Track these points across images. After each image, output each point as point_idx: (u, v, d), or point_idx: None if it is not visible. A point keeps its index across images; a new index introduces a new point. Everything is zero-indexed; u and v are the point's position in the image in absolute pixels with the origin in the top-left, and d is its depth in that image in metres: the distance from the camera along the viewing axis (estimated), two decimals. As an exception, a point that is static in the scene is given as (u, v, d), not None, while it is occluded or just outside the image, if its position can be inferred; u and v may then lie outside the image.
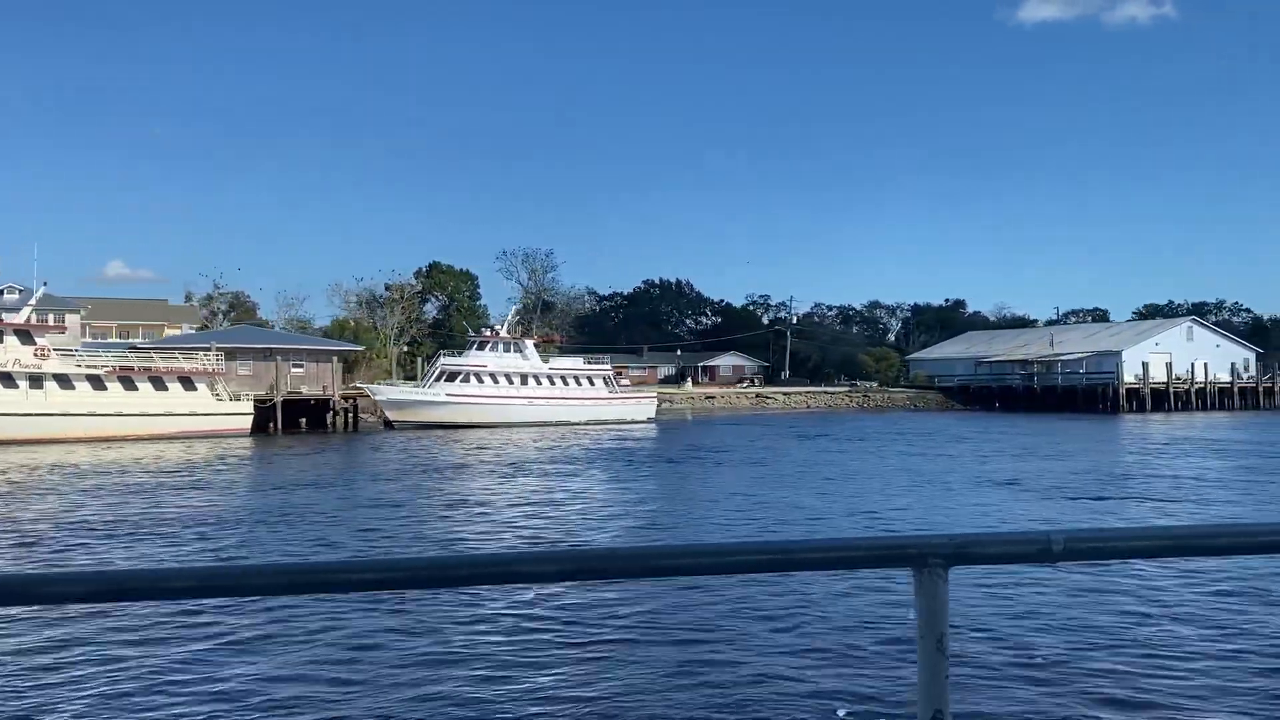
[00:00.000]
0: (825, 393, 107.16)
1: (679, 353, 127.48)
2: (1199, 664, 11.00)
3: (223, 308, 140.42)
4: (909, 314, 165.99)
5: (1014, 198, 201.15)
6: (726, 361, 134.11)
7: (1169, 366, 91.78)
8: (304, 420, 63.41)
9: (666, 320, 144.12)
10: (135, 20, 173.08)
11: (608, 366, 72.60)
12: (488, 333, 68.37)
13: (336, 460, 41.80)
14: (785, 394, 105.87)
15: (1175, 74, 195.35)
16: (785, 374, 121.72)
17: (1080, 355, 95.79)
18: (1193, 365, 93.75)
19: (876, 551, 2.00)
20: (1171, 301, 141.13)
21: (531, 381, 65.85)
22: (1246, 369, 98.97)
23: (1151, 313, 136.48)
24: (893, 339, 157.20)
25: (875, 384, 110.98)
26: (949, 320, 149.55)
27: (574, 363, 71.27)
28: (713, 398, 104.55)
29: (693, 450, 45.77)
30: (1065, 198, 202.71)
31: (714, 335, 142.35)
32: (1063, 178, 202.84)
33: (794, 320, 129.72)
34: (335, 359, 63.82)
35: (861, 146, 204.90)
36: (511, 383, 65.06)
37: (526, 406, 64.67)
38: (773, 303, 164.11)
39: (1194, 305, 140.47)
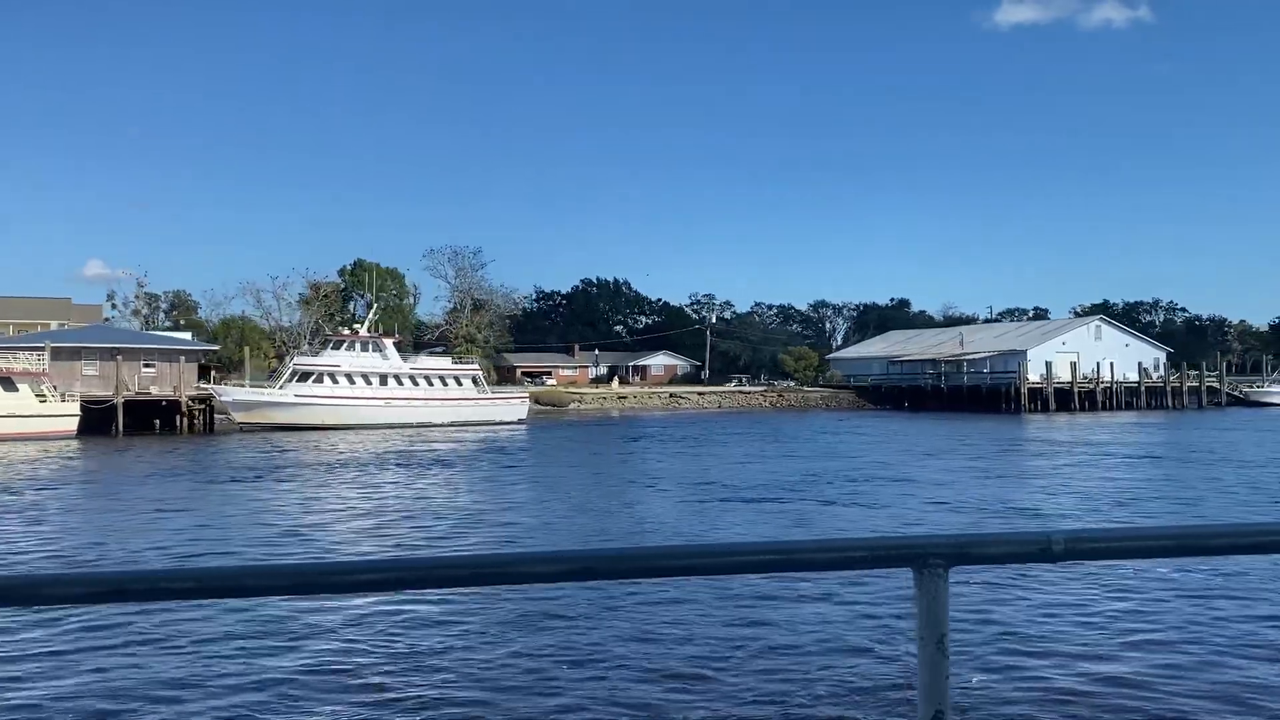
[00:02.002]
0: (741, 392, 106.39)
1: (597, 353, 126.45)
2: (1199, 664, 11.02)
3: (164, 307, 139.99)
4: (855, 313, 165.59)
5: (969, 197, 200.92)
6: (658, 361, 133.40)
7: (1073, 366, 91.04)
8: (158, 422, 62.50)
9: (603, 320, 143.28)
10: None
11: (475, 367, 71.61)
12: (346, 332, 67.45)
13: (143, 463, 40.72)
14: (700, 394, 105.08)
15: (1143, 75, 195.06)
16: (705, 374, 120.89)
17: (985, 355, 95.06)
18: (1098, 365, 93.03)
19: (877, 551, 1.99)
20: (1107, 300, 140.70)
21: (391, 382, 64.89)
22: (1157, 369, 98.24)
23: (1087, 312, 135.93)
24: (840, 338, 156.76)
25: (794, 383, 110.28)
26: (891, 320, 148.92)
27: (441, 363, 70.34)
28: (624, 397, 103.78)
29: (521, 457, 44.96)
30: (1018, 197, 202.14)
31: (652, 335, 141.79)
32: (1017, 178, 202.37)
33: (714, 320, 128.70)
34: (183, 359, 62.78)
35: (819, 147, 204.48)
36: (369, 383, 64.11)
37: (383, 408, 63.73)
38: (717, 302, 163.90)
39: (1129, 305, 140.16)
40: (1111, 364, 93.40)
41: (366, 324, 68.48)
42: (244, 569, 1.94)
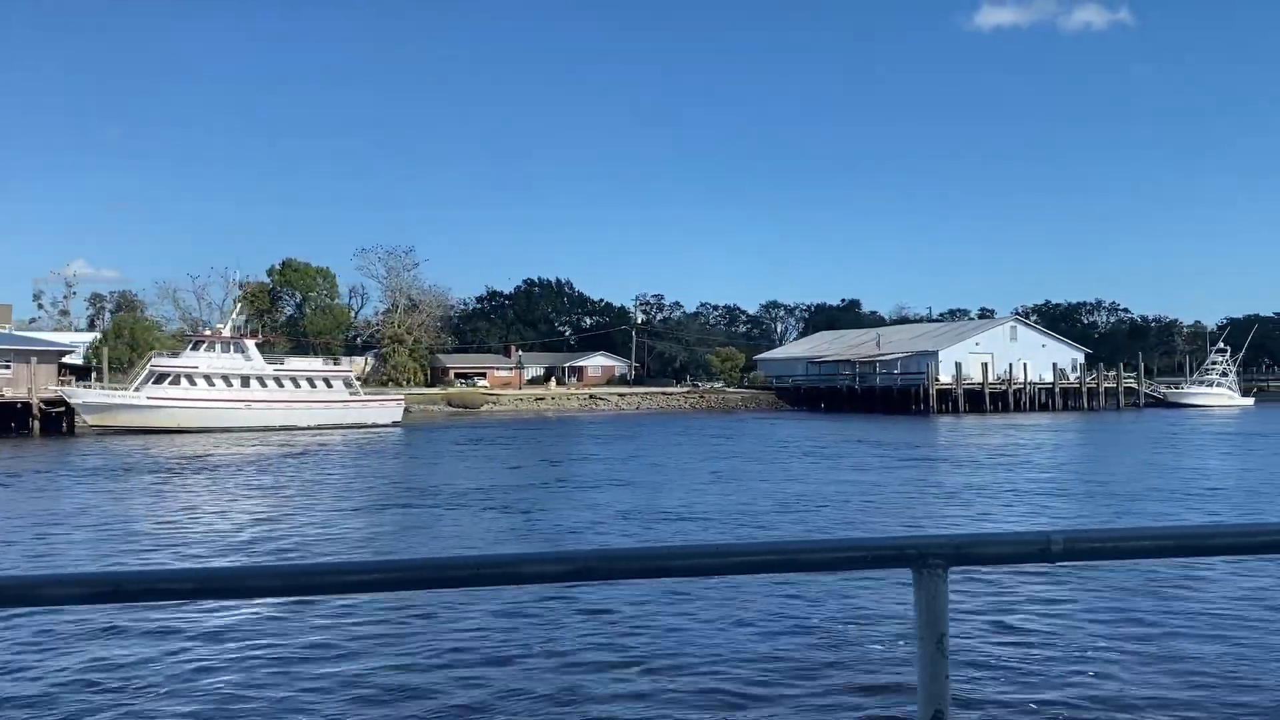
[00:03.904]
0: (663, 393, 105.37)
1: (520, 354, 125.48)
2: (1197, 664, 11.02)
3: (109, 308, 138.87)
4: (807, 314, 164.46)
5: (927, 198, 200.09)
6: (595, 362, 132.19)
7: (985, 367, 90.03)
8: (13, 424, 61.40)
9: (545, 320, 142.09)
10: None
11: (348, 369, 70.41)
12: (208, 332, 66.29)
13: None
14: (620, 395, 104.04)
15: (1122, 77, 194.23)
16: (631, 375, 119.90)
17: (898, 355, 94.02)
18: (1010, 366, 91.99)
19: (876, 552, 2.00)
20: (1049, 301, 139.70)
21: (254, 384, 63.73)
22: (1075, 370, 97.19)
23: (1028, 313, 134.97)
24: (792, 339, 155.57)
25: (719, 384, 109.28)
26: (839, 320, 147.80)
27: (312, 364, 69.17)
28: (542, 399, 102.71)
29: (356, 461, 43.88)
30: (975, 198, 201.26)
31: (591, 335, 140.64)
32: (976, 178, 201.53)
33: (646, 319, 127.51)
34: (34, 359, 61.63)
35: (780, 147, 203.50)
36: (230, 385, 62.94)
37: (245, 410, 62.58)
38: (666, 303, 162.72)
39: (1072, 305, 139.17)
40: (1025, 365, 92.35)
41: (229, 324, 67.27)
42: (244, 569, 1.93)
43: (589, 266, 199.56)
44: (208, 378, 62.13)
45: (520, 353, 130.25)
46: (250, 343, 64.96)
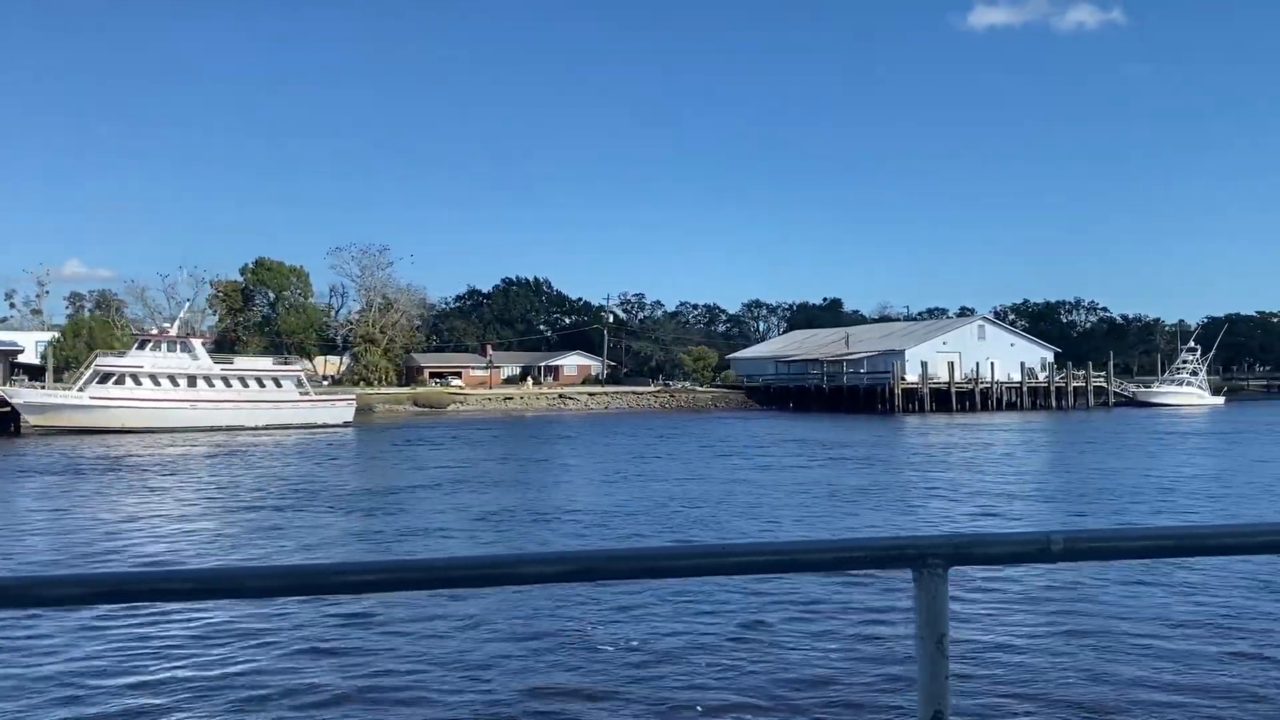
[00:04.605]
0: (633, 393, 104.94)
1: (491, 353, 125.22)
2: (1196, 663, 11.03)
3: (89, 306, 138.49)
4: (789, 313, 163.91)
5: (914, 198, 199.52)
6: (571, 361, 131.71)
7: (951, 366, 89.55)
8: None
9: (522, 319, 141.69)
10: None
11: (298, 368, 69.97)
12: (155, 331, 65.90)
13: None
14: (590, 394, 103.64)
15: (1114, 77, 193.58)
16: (603, 374, 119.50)
17: (864, 355, 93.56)
18: (978, 365, 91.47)
19: (876, 552, 2.00)
20: (1027, 300, 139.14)
21: (201, 383, 63.37)
22: (1044, 369, 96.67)
23: (1006, 311, 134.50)
24: (775, 338, 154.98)
25: (690, 383, 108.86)
26: (820, 319, 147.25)
27: (261, 364, 68.77)
28: (510, 399, 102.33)
29: (284, 461, 43.50)
30: (963, 198, 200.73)
31: (569, 333, 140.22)
32: (966, 178, 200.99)
33: (617, 318, 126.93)
34: (-23, 360, 61.31)
35: (780, 145, 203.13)
36: (177, 385, 62.55)
37: (190, 410, 62.22)
38: (647, 302, 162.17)
39: (1051, 304, 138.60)
40: (993, 364, 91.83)
41: (177, 323, 66.90)
42: (244, 570, 1.91)
43: (582, 266, 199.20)
44: (153, 377, 61.75)
45: (495, 352, 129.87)
46: (197, 342, 64.58)
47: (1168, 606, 13.54)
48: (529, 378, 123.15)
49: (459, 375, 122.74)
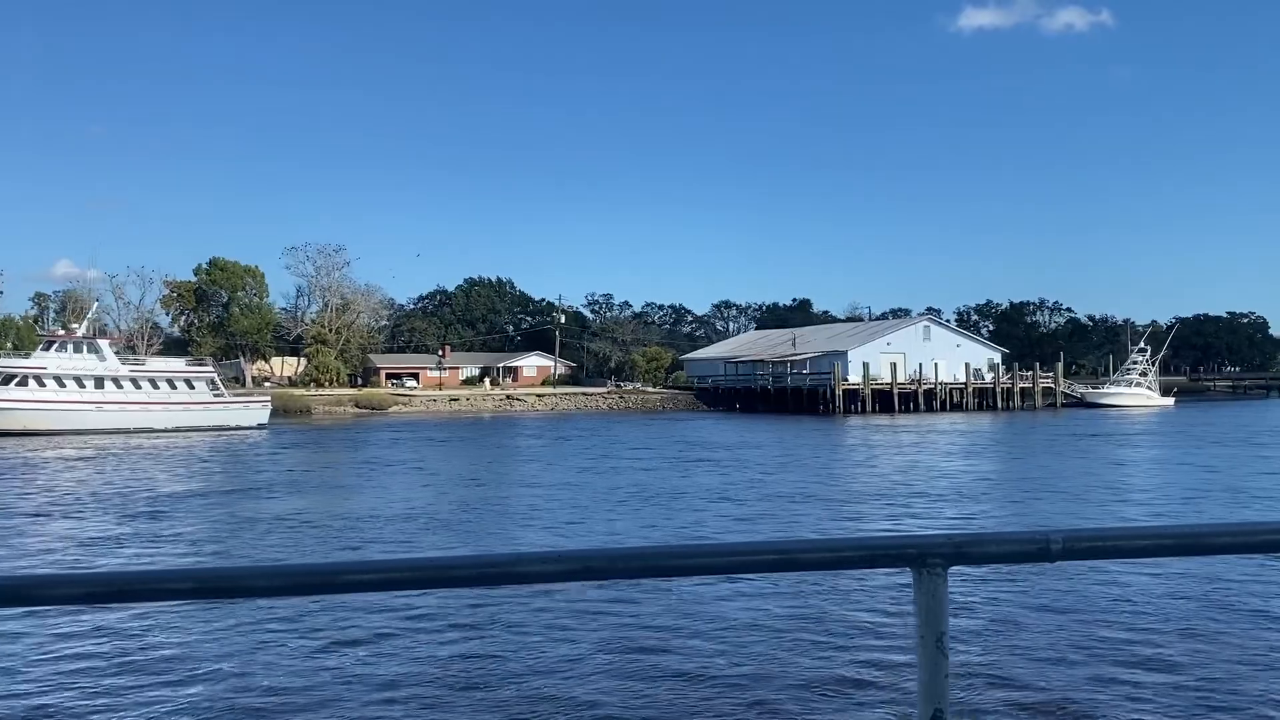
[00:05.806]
0: (583, 394, 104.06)
1: (444, 354, 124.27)
2: (1197, 663, 11.00)
3: (53, 309, 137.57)
4: (758, 314, 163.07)
5: (886, 198, 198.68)
6: (531, 362, 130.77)
7: (894, 367, 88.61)
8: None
9: (484, 319, 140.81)
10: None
11: (210, 369, 68.95)
12: (61, 332, 64.98)
13: None
14: (538, 395, 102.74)
15: (1102, 80, 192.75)
16: (554, 375, 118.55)
17: (809, 355, 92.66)
18: (921, 365, 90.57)
19: (876, 552, 2.02)
20: (990, 301, 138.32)
21: (108, 385, 62.41)
22: (991, 369, 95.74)
23: (971, 313, 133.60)
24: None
25: (642, 384, 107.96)
26: (789, 320, 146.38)
27: (173, 365, 67.80)
28: (456, 400, 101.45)
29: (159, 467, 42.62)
30: (941, 198, 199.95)
31: (529, 334, 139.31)
32: (943, 180, 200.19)
33: (564, 319, 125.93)
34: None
35: (761, 147, 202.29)
36: (83, 386, 61.59)
37: (95, 413, 61.26)
38: (615, 302, 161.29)
39: (1016, 305, 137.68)
40: (937, 365, 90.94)
41: (85, 324, 65.97)
42: (245, 569, 1.91)
43: (553, 267, 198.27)
44: (57, 379, 60.79)
45: (456, 353, 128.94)
46: (104, 343, 63.63)
47: (1168, 606, 13.50)
48: (487, 378, 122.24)
49: (416, 377, 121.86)
